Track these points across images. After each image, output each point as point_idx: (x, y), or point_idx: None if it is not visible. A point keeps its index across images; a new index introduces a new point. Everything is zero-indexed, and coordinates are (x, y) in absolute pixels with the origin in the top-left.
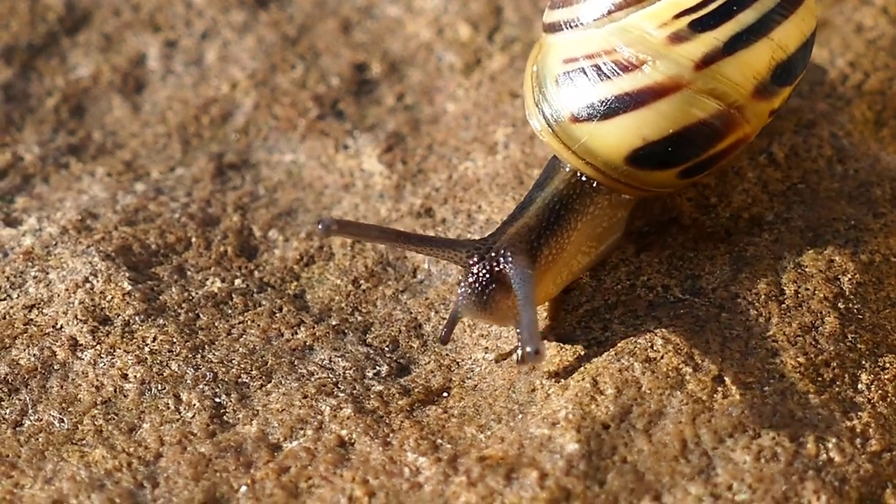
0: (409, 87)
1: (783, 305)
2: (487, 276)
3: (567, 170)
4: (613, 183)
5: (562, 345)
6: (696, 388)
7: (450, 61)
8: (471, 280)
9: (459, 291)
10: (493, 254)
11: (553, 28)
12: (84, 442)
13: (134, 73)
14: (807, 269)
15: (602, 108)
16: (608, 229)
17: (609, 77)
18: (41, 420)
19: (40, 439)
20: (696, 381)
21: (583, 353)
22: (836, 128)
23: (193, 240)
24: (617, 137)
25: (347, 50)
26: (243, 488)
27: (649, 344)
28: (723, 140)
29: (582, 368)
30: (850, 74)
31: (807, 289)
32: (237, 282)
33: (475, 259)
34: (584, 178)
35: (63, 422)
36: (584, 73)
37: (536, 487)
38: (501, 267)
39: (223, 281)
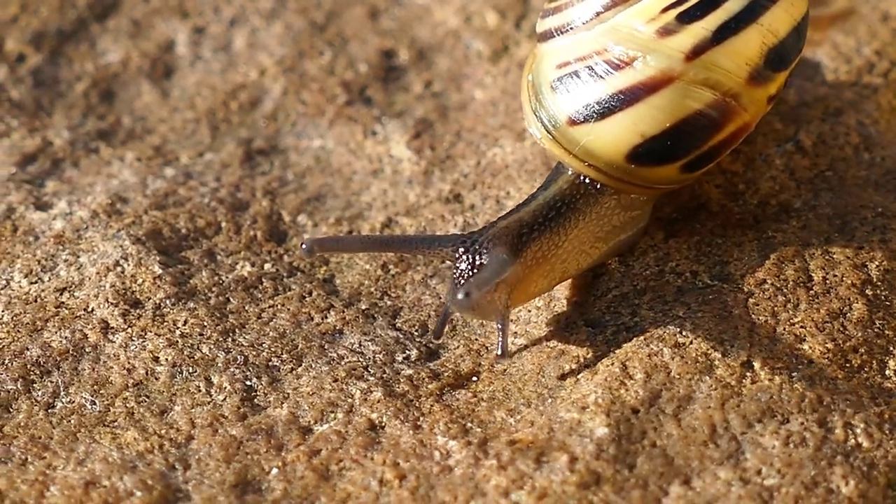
0: (437, 74)
1: (811, 292)
2: (471, 269)
3: (570, 173)
4: (618, 183)
5: (591, 329)
6: (724, 373)
7: (477, 48)
8: (456, 274)
9: (448, 286)
10: (476, 246)
11: (545, 37)
12: (116, 424)
13: (163, 59)
14: (834, 256)
15: (598, 109)
16: (619, 228)
17: (602, 77)
18: (73, 402)
19: (72, 421)
20: (725, 367)
21: (612, 338)
22: (863, 116)
23: (223, 224)
24: (615, 136)
25: (375, 37)
26: (274, 471)
27: (678, 329)
28: (722, 130)
29: (611, 353)
30: (877, 63)
31: (835, 275)
32: (267, 266)
33: (460, 252)
34: (588, 181)
35: (95, 404)
36: (578, 75)
37: (566, 471)
38: (482, 259)
39: (253, 265)
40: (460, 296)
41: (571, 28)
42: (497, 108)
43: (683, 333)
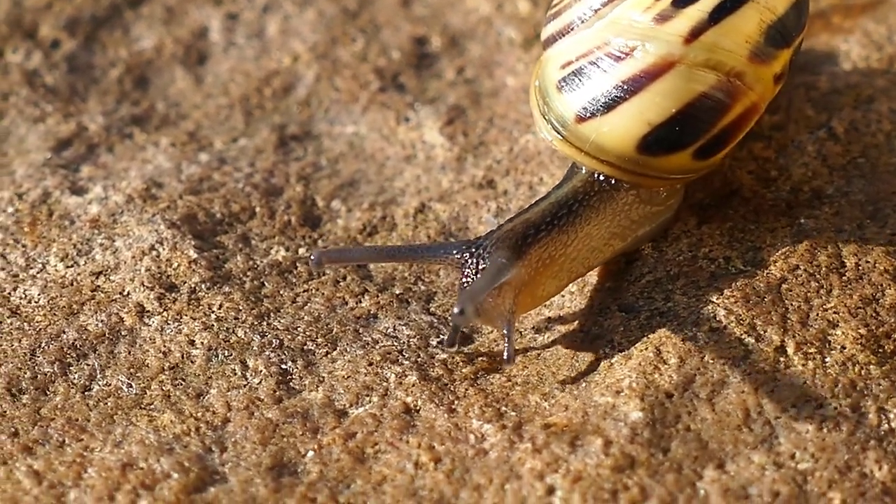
0: (470, 60)
1: (844, 278)
2: (474, 275)
3: (585, 171)
4: (633, 177)
5: (625, 314)
6: (758, 358)
7: (509, 36)
8: (462, 280)
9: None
10: (480, 251)
11: (549, 42)
12: (152, 406)
13: (196, 46)
14: (867, 243)
15: (603, 102)
16: (637, 223)
17: (604, 70)
18: (110, 385)
19: (109, 404)
20: (759, 352)
21: (645, 322)
22: (895, 103)
23: (257, 209)
24: (623, 127)
25: (407, 24)
26: (310, 453)
27: (712, 314)
28: (730, 111)
29: (645, 338)
30: None
31: (867, 261)
32: (301, 251)
33: (466, 258)
34: (602, 179)
35: (131, 387)
36: (581, 71)
37: (601, 454)
38: (485, 264)
39: (287, 250)
40: (456, 310)
41: (572, 29)
42: (529, 95)
43: (717, 319)
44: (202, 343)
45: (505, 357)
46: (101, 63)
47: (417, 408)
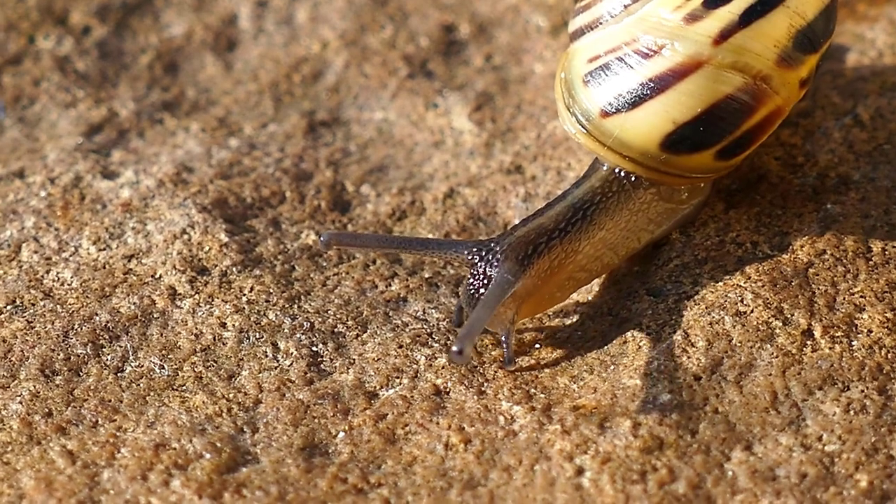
0: (497, 48)
1: (870, 262)
2: (482, 279)
3: (605, 168)
4: (654, 174)
5: (653, 298)
6: (785, 341)
7: (537, 23)
8: (469, 281)
9: (462, 291)
10: (490, 256)
11: (576, 35)
12: (184, 388)
13: (226, 33)
14: (893, 228)
15: (629, 98)
16: (655, 221)
17: (632, 67)
18: (142, 366)
19: (141, 385)
20: (786, 335)
21: (673, 306)
22: None
23: (287, 194)
24: (648, 125)
25: (435, 11)
26: (341, 434)
27: (739, 298)
28: (754, 114)
29: (673, 321)
30: None
31: (893, 246)
32: None
33: (475, 260)
34: (623, 175)
35: (164, 368)
36: (609, 67)
37: (630, 436)
38: (493, 271)
39: (317, 234)
40: (455, 349)
41: (601, 23)
42: (554, 86)
43: (744, 302)
44: (233, 325)
45: (505, 361)
46: (131, 49)
47: (447, 390)
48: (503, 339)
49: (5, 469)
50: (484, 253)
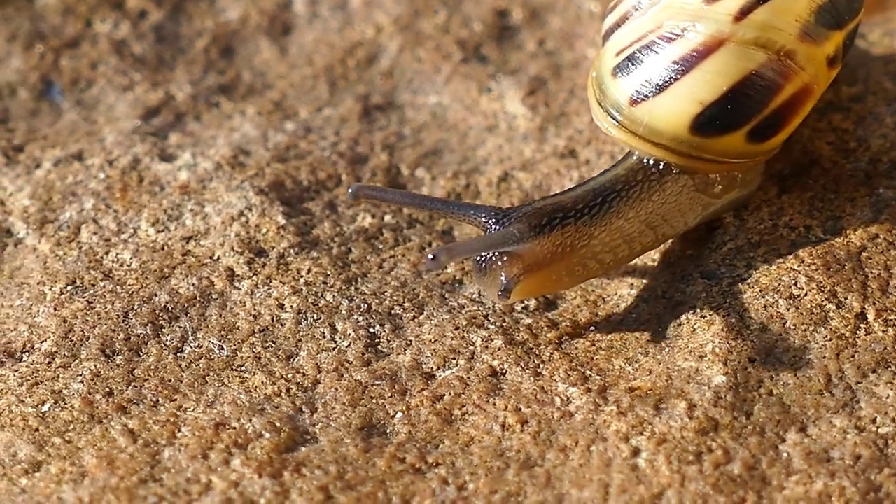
0: (550, 32)
1: None
2: None
3: (635, 158)
4: (687, 160)
5: (707, 281)
6: (839, 324)
7: (589, 8)
8: None
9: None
10: (506, 220)
11: (607, 35)
12: (243, 368)
13: (281, 17)
14: None
15: (656, 83)
16: (680, 215)
17: (656, 52)
18: (201, 347)
19: (201, 365)
20: (840, 318)
21: (727, 289)
22: None
23: (343, 177)
24: (676, 108)
25: None
26: (399, 415)
27: (793, 281)
28: (781, 91)
29: (727, 304)
30: None
31: None
32: (387, 217)
33: (490, 223)
34: (651, 164)
35: (223, 349)
36: (635, 55)
37: (685, 417)
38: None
39: (373, 216)
40: (430, 255)
41: (628, 18)
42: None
43: (798, 286)
44: (291, 307)
45: (501, 290)
46: (187, 33)
47: (503, 371)
48: (504, 282)
49: (68, 447)
50: (499, 217)
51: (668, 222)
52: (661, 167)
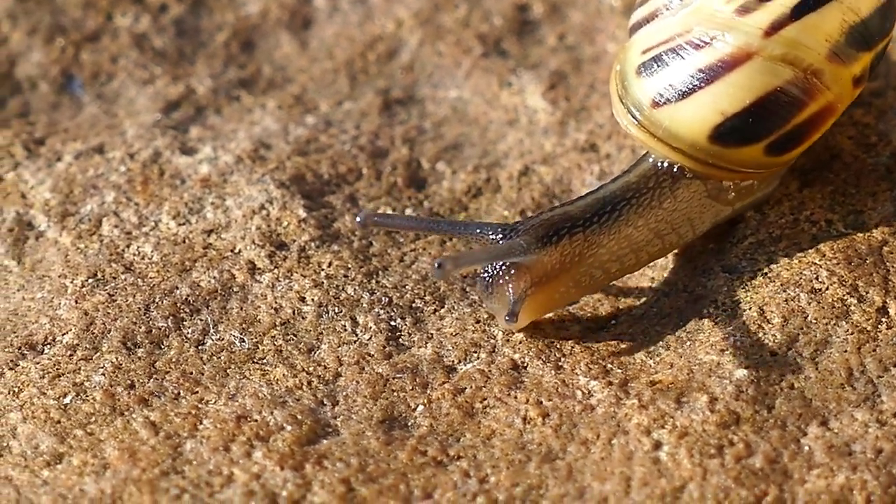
0: (570, 27)
1: None
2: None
3: (650, 162)
4: (703, 167)
5: (728, 275)
6: (860, 318)
7: (610, 3)
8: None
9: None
10: (513, 233)
11: (634, 28)
12: (265, 361)
13: (301, 11)
14: None
15: (680, 88)
16: (696, 219)
17: (683, 58)
18: (222, 339)
19: (222, 358)
20: (861, 312)
21: (748, 283)
22: None
23: (364, 170)
24: (697, 115)
25: None
26: (420, 408)
27: (814, 276)
28: (805, 108)
29: (748, 298)
30: None
31: None
32: (408, 211)
33: (498, 239)
34: (665, 169)
35: (244, 341)
36: (661, 57)
37: (707, 411)
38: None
39: (394, 210)
40: (437, 262)
41: (657, 16)
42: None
43: (819, 280)
44: (313, 300)
45: (508, 314)
46: (207, 27)
47: (525, 364)
48: (512, 300)
49: (89, 439)
50: (506, 232)
51: (677, 231)
52: (674, 171)
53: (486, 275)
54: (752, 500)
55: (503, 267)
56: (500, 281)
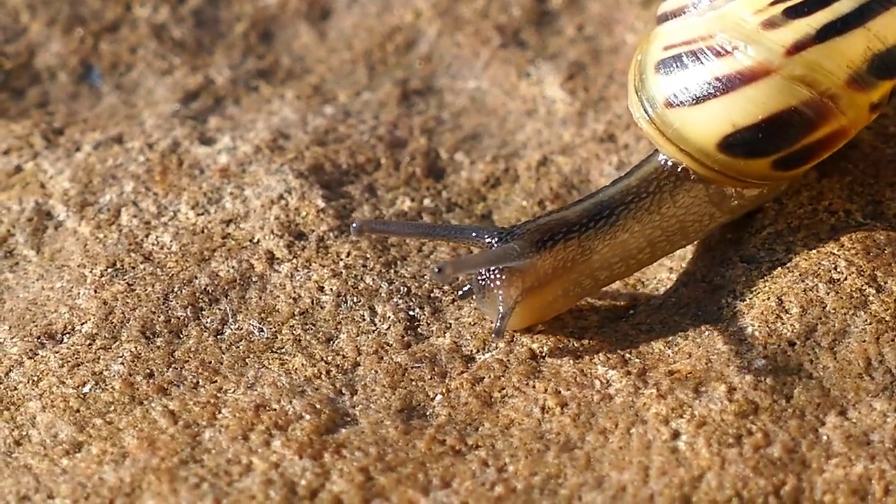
0: (589, 18)
1: None
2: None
3: (656, 160)
4: (709, 172)
5: (746, 265)
6: (879, 308)
7: None
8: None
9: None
10: (508, 237)
11: (661, 19)
12: (283, 350)
13: (320, 2)
14: None
15: (694, 93)
16: (696, 226)
17: (702, 62)
18: (241, 329)
19: (241, 347)
20: (880, 302)
21: (767, 273)
22: None
23: (382, 161)
24: (707, 123)
25: None
26: (438, 397)
27: (833, 265)
28: (816, 130)
29: (767, 288)
30: None
31: None
32: (426, 201)
33: (494, 245)
34: (669, 167)
35: (262, 331)
36: (681, 58)
37: (725, 400)
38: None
39: (412, 200)
40: (437, 267)
41: (685, 12)
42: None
43: (838, 269)
44: (331, 290)
45: (494, 332)
46: (226, 18)
47: (543, 354)
48: (500, 313)
49: (108, 428)
50: (502, 236)
51: (669, 239)
52: (679, 171)
53: (479, 277)
54: (770, 489)
55: (495, 271)
56: (492, 285)
